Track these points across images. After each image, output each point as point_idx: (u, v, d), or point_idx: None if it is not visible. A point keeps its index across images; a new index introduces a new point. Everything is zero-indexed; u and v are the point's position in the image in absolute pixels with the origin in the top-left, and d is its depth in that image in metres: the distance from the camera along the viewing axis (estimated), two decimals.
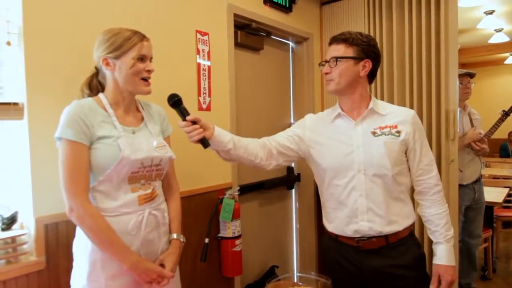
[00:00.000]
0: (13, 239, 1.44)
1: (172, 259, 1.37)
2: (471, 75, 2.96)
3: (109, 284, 1.26)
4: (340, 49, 1.43)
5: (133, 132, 1.33)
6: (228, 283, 2.36)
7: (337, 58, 1.42)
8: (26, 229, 1.48)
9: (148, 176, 1.35)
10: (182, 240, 1.45)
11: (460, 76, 2.87)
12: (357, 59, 1.43)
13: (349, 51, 1.42)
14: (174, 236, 1.44)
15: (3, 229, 1.44)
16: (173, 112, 1.34)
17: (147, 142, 1.34)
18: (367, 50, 1.43)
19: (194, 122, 1.29)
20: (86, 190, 1.24)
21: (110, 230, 1.24)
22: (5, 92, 1.47)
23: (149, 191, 1.34)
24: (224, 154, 1.41)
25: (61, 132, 1.21)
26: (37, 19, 1.47)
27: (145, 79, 1.32)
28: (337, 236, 1.51)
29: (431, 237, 1.50)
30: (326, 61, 1.46)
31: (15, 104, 1.44)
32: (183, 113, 1.31)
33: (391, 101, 2.70)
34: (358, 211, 1.43)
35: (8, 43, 1.42)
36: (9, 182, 1.51)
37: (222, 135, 1.37)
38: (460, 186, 2.71)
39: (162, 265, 1.35)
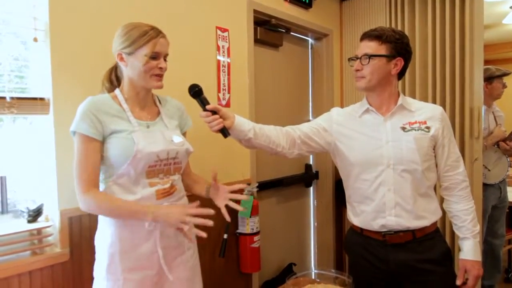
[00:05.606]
0: (39, 231, 1.48)
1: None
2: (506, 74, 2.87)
3: (126, 276, 1.28)
4: (372, 46, 1.41)
5: (148, 126, 1.34)
6: (246, 279, 2.37)
7: (369, 56, 1.40)
8: (51, 221, 1.52)
9: (167, 170, 1.35)
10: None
11: (496, 77, 2.80)
12: (389, 57, 1.40)
13: (382, 49, 1.40)
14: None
15: (29, 221, 1.48)
16: (193, 107, 1.34)
17: (162, 136, 1.34)
18: (400, 48, 1.41)
19: (214, 112, 1.30)
20: (93, 182, 1.25)
21: (116, 199, 1.26)
22: (32, 87, 1.50)
23: (168, 185, 1.35)
24: (245, 142, 1.41)
25: (74, 126, 1.24)
26: (63, 16, 1.50)
27: (157, 75, 1.31)
28: (362, 230, 1.50)
29: (457, 232, 1.50)
30: (357, 57, 1.44)
31: (41, 99, 1.48)
32: (204, 103, 1.31)
33: (413, 97, 2.64)
34: (386, 206, 1.42)
35: (35, 40, 1.46)
36: (35, 176, 1.54)
37: (243, 124, 1.37)
38: (487, 185, 2.65)
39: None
